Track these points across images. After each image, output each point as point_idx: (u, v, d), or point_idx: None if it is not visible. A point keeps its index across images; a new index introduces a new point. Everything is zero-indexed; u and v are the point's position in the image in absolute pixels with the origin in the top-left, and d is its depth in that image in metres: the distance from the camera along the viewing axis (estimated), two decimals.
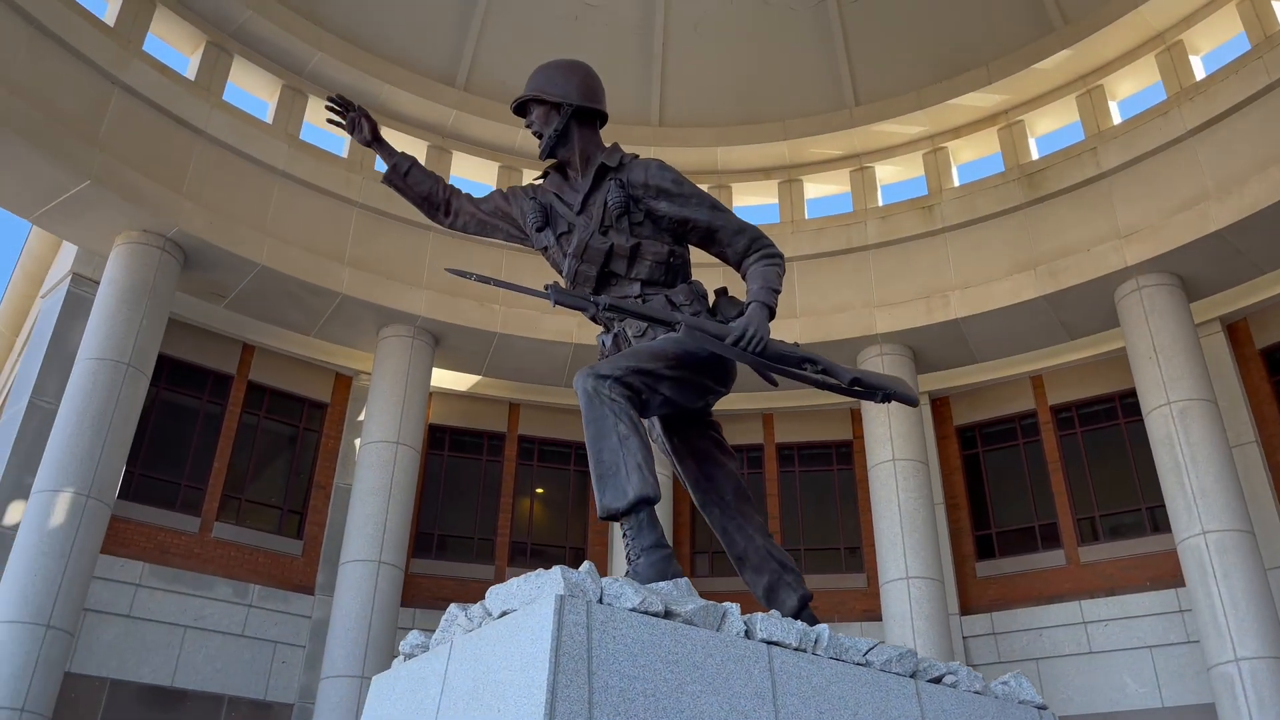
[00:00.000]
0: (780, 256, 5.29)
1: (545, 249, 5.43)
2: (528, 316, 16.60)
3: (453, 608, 4.49)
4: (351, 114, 5.72)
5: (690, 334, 4.84)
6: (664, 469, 17.29)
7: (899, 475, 15.27)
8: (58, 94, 13.37)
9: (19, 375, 14.70)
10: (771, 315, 4.97)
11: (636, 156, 5.45)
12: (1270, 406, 14.77)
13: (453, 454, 17.74)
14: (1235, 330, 15.49)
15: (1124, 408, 16.33)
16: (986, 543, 16.60)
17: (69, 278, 14.90)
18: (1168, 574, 14.70)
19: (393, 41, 17.34)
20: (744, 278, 5.27)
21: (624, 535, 4.57)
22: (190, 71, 15.61)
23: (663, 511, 15.82)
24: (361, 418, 17.08)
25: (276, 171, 15.68)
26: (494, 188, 18.17)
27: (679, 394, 4.84)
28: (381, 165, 17.97)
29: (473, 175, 18.30)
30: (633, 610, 3.99)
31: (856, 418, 17.54)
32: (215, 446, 15.86)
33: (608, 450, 4.60)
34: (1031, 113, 16.97)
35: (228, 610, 14.72)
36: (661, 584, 4.29)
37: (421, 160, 17.71)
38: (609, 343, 5.21)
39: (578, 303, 4.90)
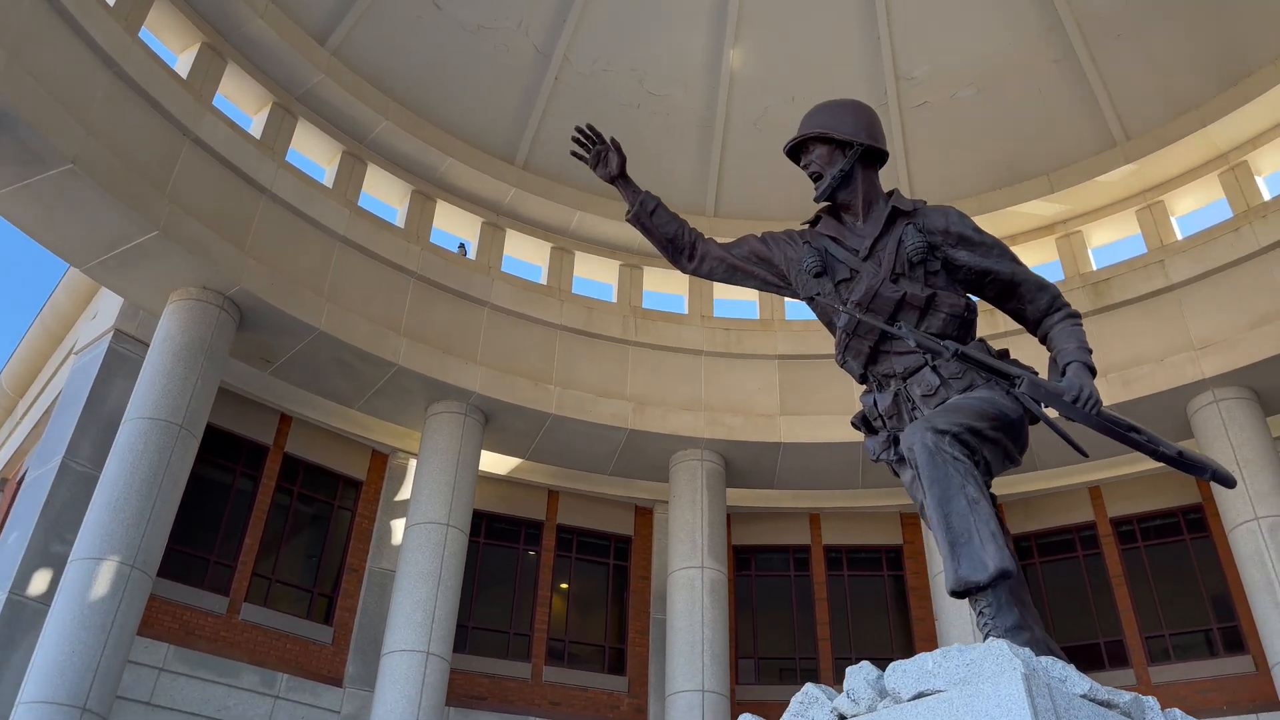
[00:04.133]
0: (1080, 317, 4.95)
1: (814, 297, 5.00)
2: (583, 399, 16.03)
3: (811, 687, 3.87)
4: (599, 146, 5.34)
5: (1034, 389, 4.44)
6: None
7: None
8: (132, 141, 12.84)
9: (49, 435, 13.71)
10: (1093, 376, 4.60)
11: (925, 202, 5.10)
12: None
13: (488, 541, 16.84)
14: None
15: (1188, 523, 16.02)
16: None
17: (110, 334, 14.09)
18: (1245, 697, 14.16)
19: (456, 115, 17.14)
20: (1043, 337, 4.91)
21: (980, 613, 4.07)
22: (255, 130, 15.20)
23: (715, 612, 15.03)
24: (399, 497, 16.24)
25: (337, 236, 15.17)
26: (613, 284, 17.86)
27: (994, 458, 4.43)
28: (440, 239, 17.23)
29: (525, 255, 17.94)
30: (1083, 697, 3.44)
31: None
32: (247, 521, 14.86)
33: (956, 515, 4.12)
34: (1091, 224, 17.10)
35: (253, 701, 13.52)
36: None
37: (474, 237, 17.37)
38: (886, 403, 4.75)
39: (933, 345, 4.46)
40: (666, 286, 18.33)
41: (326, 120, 16.09)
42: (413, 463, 16.38)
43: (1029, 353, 5.23)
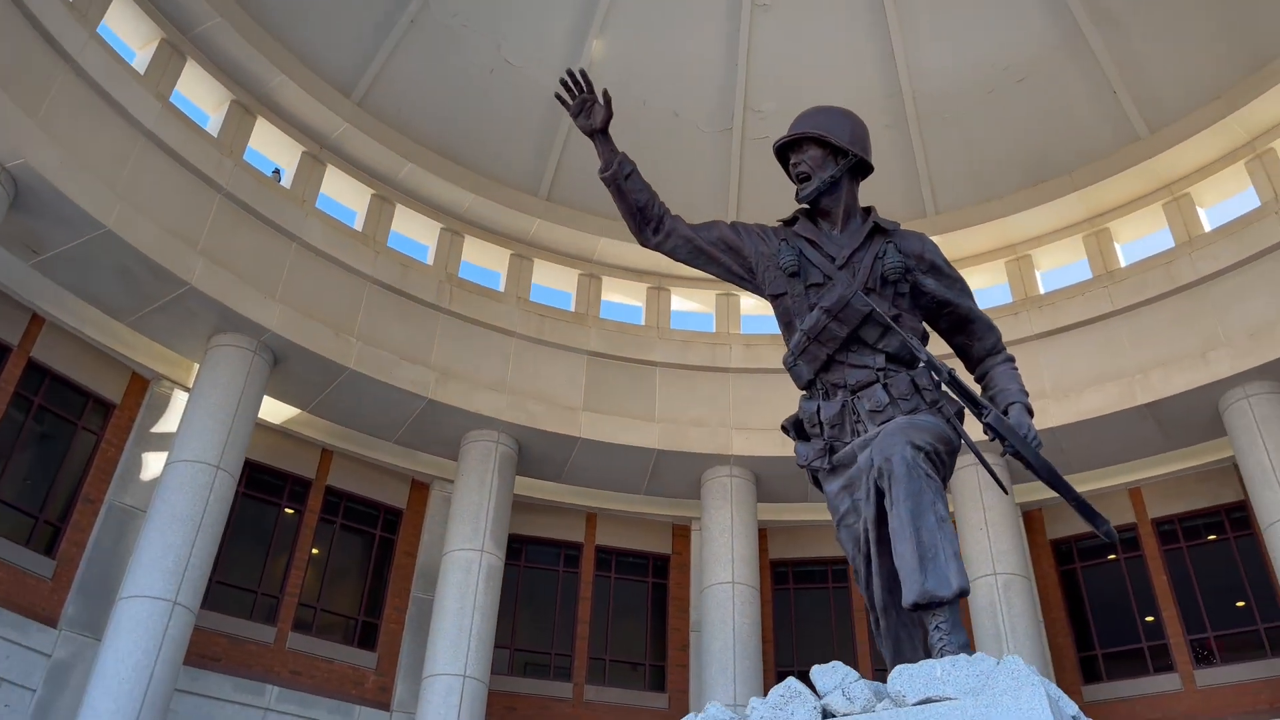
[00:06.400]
0: (1016, 362, 5.27)
1: (779, 296, 5.03)
2: (384, 359, 15.18)
3: (793, 681, 3.80)
4: (586, 96, 5.11)
5: (998, 423, 4.64)
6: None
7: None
8: None
9: None
10: (1031, 418, 4.91)
11: (899, 225, 5.25)
12: (1055, 592, 16.37)
13: (248, 492, 15.48)
14: (1030, 518, 17.09)
15: None
16: None
17: None
18: None
19: (296, 32, 15.86)
20: (982, 374, 5.18)
21: (936, 627, 4.21)
22: None
23: (488, 598, 14.66)
24: (157, 429, 14.64)
25: (141, 128, 13.53)
26: (430, 247, 16.88)
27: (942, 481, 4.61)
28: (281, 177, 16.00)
29: (343, 198, 16.86)
30: (1074, 718, 3.56)
31: None
32: None
33: (926, 530, 4.28)
34: (966, 269, 18.04)
35: None
36: None
37: (292, 167, 16.16)
38: (831, 412, 4.81)
39: (938, 364, 4.54)
40: (484, 260, 17.81)
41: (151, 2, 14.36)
42: (179, 394, 14.85)
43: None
